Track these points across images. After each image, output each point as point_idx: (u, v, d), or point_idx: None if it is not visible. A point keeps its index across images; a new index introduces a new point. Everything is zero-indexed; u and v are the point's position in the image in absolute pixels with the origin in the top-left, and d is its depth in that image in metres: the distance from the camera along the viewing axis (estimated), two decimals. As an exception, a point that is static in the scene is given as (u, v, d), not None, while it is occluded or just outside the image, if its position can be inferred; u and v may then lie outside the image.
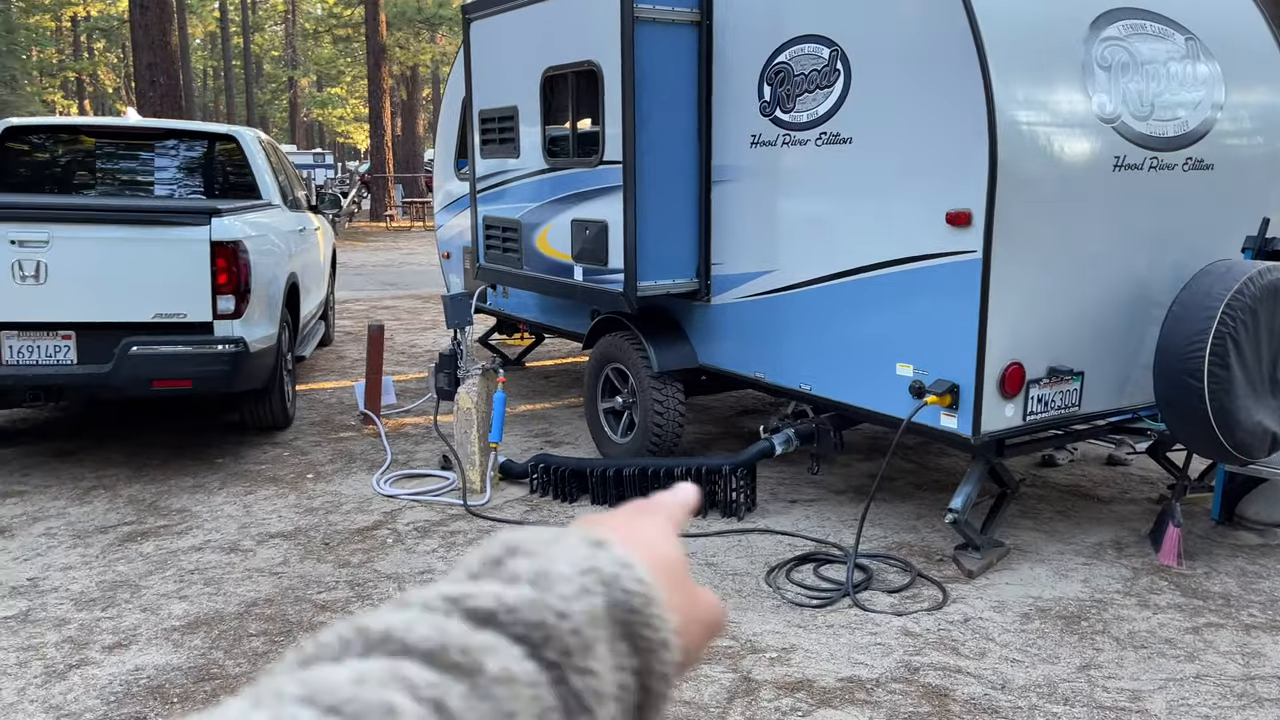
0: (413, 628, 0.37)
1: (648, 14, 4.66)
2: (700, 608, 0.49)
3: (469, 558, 0.43)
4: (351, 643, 0.37)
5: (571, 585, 0.41)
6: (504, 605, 0.39)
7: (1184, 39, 4.22)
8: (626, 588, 0.42)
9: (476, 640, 0.37)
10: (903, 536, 4.36)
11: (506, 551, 0.43)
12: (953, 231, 3.77)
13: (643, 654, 0.42)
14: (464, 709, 0.35)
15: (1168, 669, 3.21)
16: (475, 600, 0.39)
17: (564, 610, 0.39)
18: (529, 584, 0.40)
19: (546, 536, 0.44)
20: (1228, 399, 3.67)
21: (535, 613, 0.39)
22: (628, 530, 0.49)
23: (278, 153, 7.36)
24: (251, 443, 5.73)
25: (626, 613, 0.41)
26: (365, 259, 16.79)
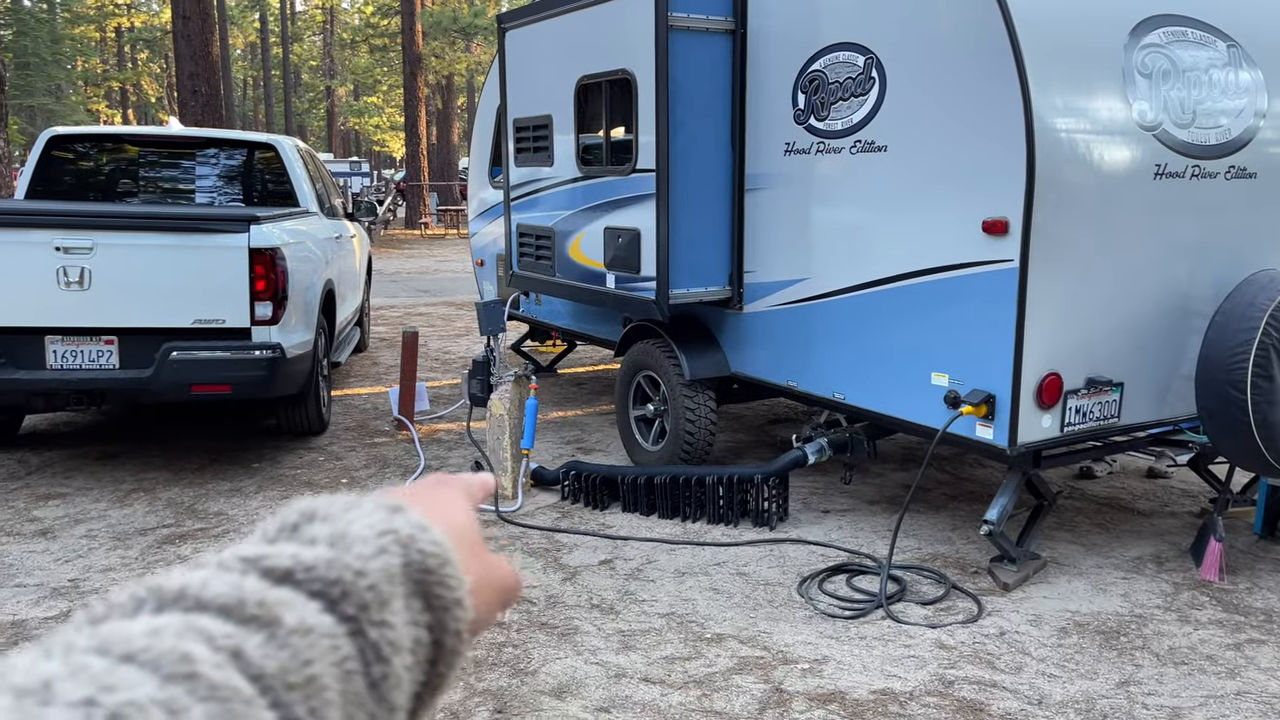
0: (208, 584, 0.38)
1: (682, 22, 4.67)
2: (495, 575, 0.51)
3: (265, 523, 0.44)
4: (144, 601, 0.37)
5: (369, 546, 0.42)
6: (301, 564, 0.40)
7: (1226, 46, 4.15)
8: (422, 548, 0.43)
9: (273, 595, 0.38)
10: (937, 548, 4.32)
11: (303, 517, 0.44)
12: (989, 240, 3.73)
13: (436, 611, 0.43)
14: (261, 657, 0.36)
15: (1209, 686, 3.15)
16: (272, 560, 0.40)
17: (361, 569, 0.41)
18: (327, 545, 0.41)
19: (343, 502, 0.45)
20: (1272, 411, 3.59)
21: (332, 570, 0.40)
22: (425, 499, 0.51)
23: (315, 161, 7.46)
24: (287, 447, 5.80)
25: (421, 572, 0.43)
26: (400, 266, 16.94)
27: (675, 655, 3.35)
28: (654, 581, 3.98)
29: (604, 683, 3.16)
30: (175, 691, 0.32)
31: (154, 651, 0.34)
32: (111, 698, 0.31)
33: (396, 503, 0.46)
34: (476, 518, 0.52)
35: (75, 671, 0.32)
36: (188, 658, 0.34)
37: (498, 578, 0.51)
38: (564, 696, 3.08)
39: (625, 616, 3.65)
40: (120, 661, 0.33)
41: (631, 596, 3.83)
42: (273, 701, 0.35)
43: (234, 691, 0.34)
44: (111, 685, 0.32)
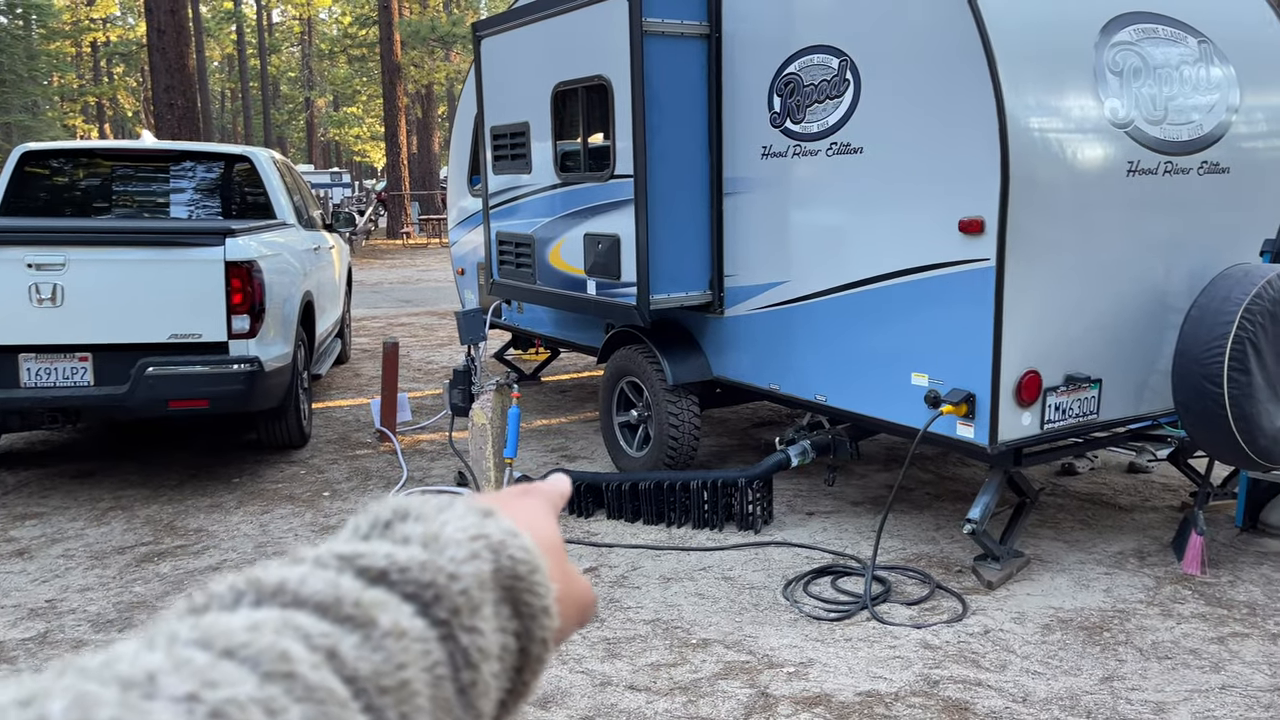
0: (306, 581, 0.38)
1: (656, 28, 4.67)
2: (575, 588, 0.51)
3: (358, 518, 0.44)
4: (244, 593, 0.37)
5: (462, 549, 0.42)
6: (396, 565, 0.40)
7: (1197, 42, 4.19)
8: (513, 554, 0.43)
9: (368, 596, 0.38)
10: (921, 548, 4.32)
11: (396, 515, 0.44)
12: (966, 240, 3.74)
13: (524, 618, 0.43)
14: (356, 658, 0.36)
15: (1192, 680, 3.15)
16: (368, 559, 0.40)
17: (454, 572, 0.41)
18: (420, 546, 0.41)
19: (436, 503, 0.45)
20: (1248, 404, 3.61)
21: (426, 573, 0.40)
22: (515, 507, 0.51)
23: (292, 172, 7.42)
24: (268, 461, 5.75)
25: (511, 578, 0.43)
26: (382, 276, 16.87)
27: (661, 662, 3.33)
28: (639, 588, 3.96)
29: (589, 691, 3.14)
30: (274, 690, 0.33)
31: (254, 648, 0.34)
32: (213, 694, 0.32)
33: (488, 507, 0.46)
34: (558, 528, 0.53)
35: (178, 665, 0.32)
36: (286, 656, 0.34)
37: (578, 591, 0.51)
38: (549, 706, 3.06)
39: (610, 624, 3.63)
40: (221, 656, 0.33)
41: (617, 604, 3.81)
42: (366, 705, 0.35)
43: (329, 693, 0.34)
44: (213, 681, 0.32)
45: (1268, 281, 3.65)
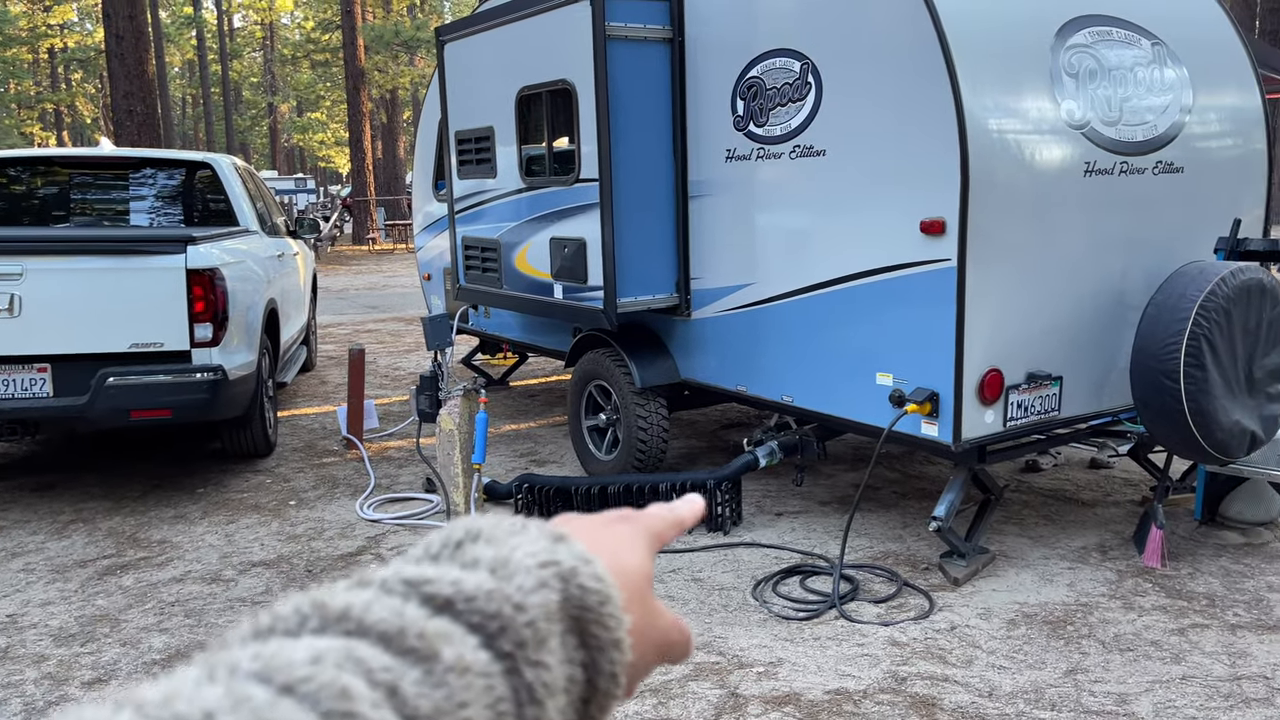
0: (371, 608, 0.37)
1: (619, 32, 4.68)
2: (659, 623, 0.49)
3: (432, 536, 0.43)
4: (309, 618, 0.36)
5: (530, 577, 0.41)
6: (462, 593, 0.39)
7: (1150, 44, 4.26)
8: (583, 584, 0.42)
9: (433, 626, 0.37)
10: (888, 546, 4.36)
11: (468, 536, 0.43)
12: (927, 240, 3.79)
13: (592, 650, 0.42)
14: (417, 695, 0.35)
15: (1154, 671, 3.21)
16: (434, 586, 0.39)
17: (521, 602, 0.40)
18: (488, 571, 0.41)
19: (509, 525, 0.44)
20: (1204, 399, 3.68)
21: (492, 603, 0.39)
22: (599, 533, 0.49)
23: (255, 179, 7.35)
24: (233, 471, 5.69)
25: (580, 609, 0.42)
26: (348, 283, 16.74)
27: (631, 665, 3.33)
28: (609, 591, 3.96)
29: (559, 696, 3.13)
30: None
31: (315, 684, 0.33)
32: None
33: (560, 531, 0.45)
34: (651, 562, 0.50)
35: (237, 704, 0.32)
36: (346, 693, 0.33)
37: (661, 626, 0.49)
38: (519, 712, 3.05)
39: (580, 628, 3.62)
40: (281, 693, 0.33)
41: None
42: None
43: None
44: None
45: (1221, 279, 3.72)
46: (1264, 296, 3.84)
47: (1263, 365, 3.88)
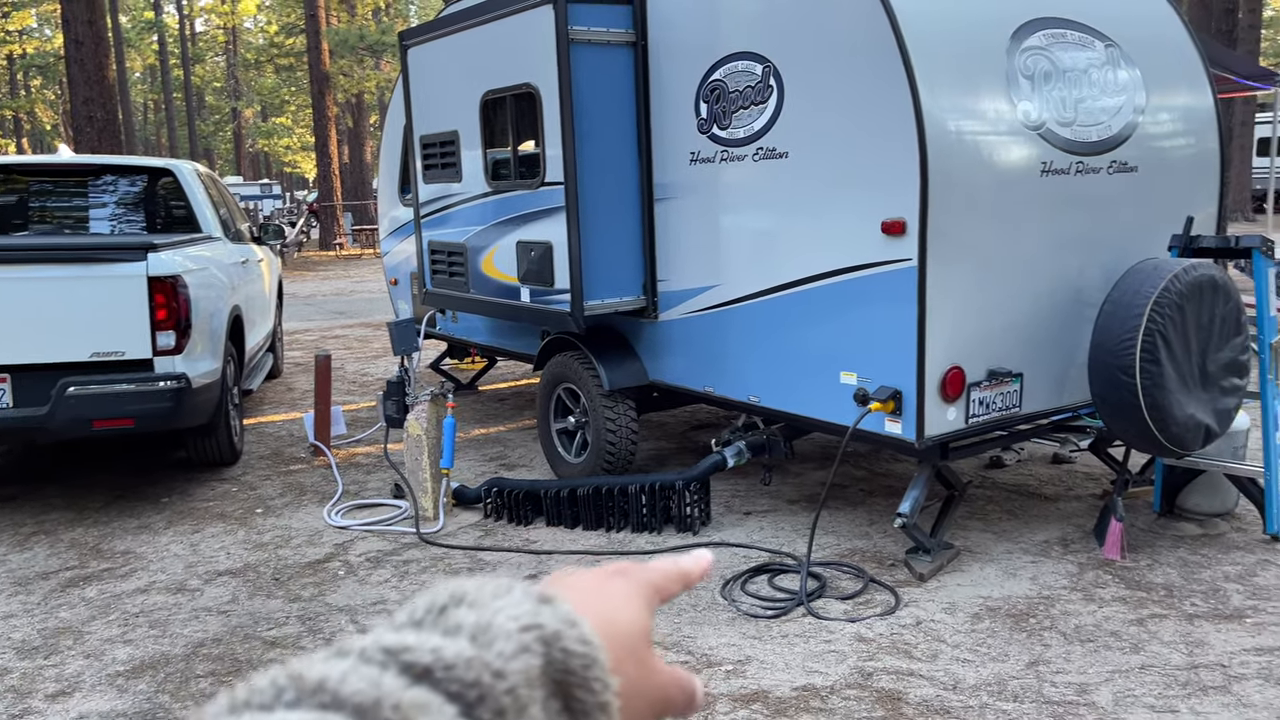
0: (347, 679, 0.36)
1: (582, 36, 4.70)
2: (655, 684, 0.48)
3: (416, 601, 0.43)
4: (284, 690, 0.36)
5: (511, 643, 0.40)
6: (441, 661, 0.38)
7: (1104, 46, 4.34)
8: (566, 647, 0.41)
9: (410, 697, 0.36)
10: (855, 543, 4.40)
11: (452, 600, 0.42)
12: (889, 241, 3.83)
13: (577, 715, 0.41)
14: None
15: (1114, 661, 3.27)
16: (413, 654, 0.38)
17: (501, 669, 0.39)
18: (469, 638, 0.40)
19: (494, 588, 0.43)
20: (1160, 394, 3.76)
21: (472, 671, 0.38)
22: (591, 591, 0.48)
23: (217, 185, 7.28)
24: (198, 480, 5.64)
25: (563, 673, 0.41)
26: (315, 288, 16.62)
27: (600, 666, 3.34)
28: (578, 594, 3.97)
29: (529, 699, 3.14)
30: None
31: None
32: None
33: (548, 593, 0.44)
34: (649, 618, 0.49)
35: None
36: None
37: (658, 684, 0.48)
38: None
39: (549, 631, 3.63)
40: None
41: (556, 610, 3.81)
42: None
43: None
44: None
45: (1174, 275, 3.80)
46: (1216, 292, 3.93)
47: (1216, 360, 3.96)
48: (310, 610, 3.88)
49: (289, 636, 3.66)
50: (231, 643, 3.62)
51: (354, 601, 3.95)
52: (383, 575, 4.21)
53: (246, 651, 3.55)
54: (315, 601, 3.96)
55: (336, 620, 3.78)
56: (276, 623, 3.78)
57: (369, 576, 4.20)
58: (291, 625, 3.75)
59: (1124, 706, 2.99)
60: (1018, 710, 2.99)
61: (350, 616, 3.82)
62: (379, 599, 3.97)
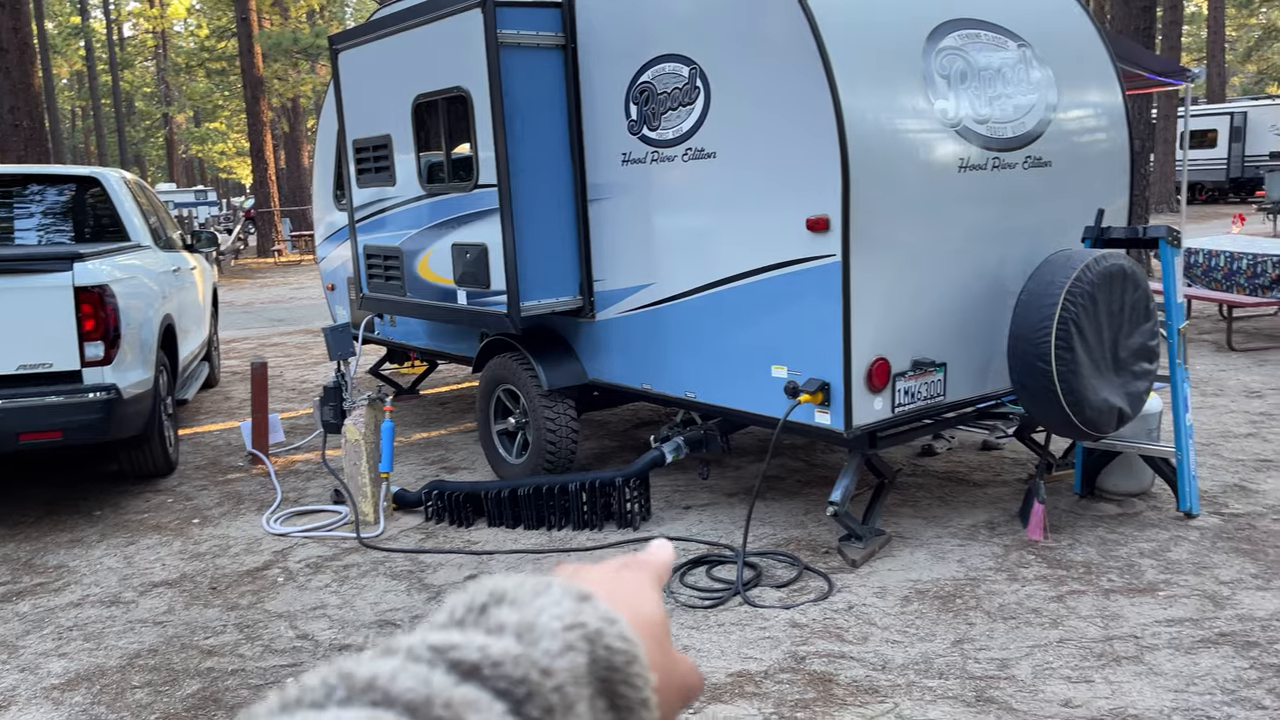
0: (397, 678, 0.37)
1: (512, 39, 4.74)
2: (678, 673, 0.49)
3: (453, 599, 0.43)
4: (335, 689, 0.36)
5: (556, 641, 0.41)
6: (489, 659, 0.39)
7: (1017, 46, 4.50)
8: (610, 645, 0.42)
9: (459, 694, 0.37)
10: (791, 532, 4.50)
11: (492, 598, 0.43)
12: (813, 237, 3.94)
13: (621, 711, 0.42)
14: None
15: (1034, 636, 3.40)
16: (460, 652, 0.39)
17: (548, 667, 0.39)
18: (514, 636, 0.40)
19: (532, 585, 0.44)
20: (1075, 379, 3.91)
21: (519, 668, 0.39)
22: (613, 584, 0.49)
23: (146, 193, 7.17)
24: (132, 492, 5.56)
25: (608, 670, 0.42)
26: (253, 296, 16.37)
27: (540, 661, 3.39)
28: (519, 592, 4.01)
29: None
30: None
31: None
32: None
33: (585, 590, 0.44)
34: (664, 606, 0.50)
35: None
36: None
37: (680, 673, 0.49)
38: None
39: (490, 629, 3.67)
40: None
41: (496, 608, 3.84)
42: None
43: None
44: None
45: (1086, 265, 3.96)
46: (1126, 280, 4.10)
47: (1127, 345, 4.13)
48: (248, 618, 3.86)
49: (227, 645, 3.64)
50: (168, 653, 3.60)
51: (293, 607, 3.94)
52: (323, 580, 4.21)
53: (183, 661, 3.53)
54: (254, 609, 3.94)
55: (276, 627, 3.78)
56: (214, 631, 3.76)
57: (309, 582, 4.19)
58: (229, 633, 3.74)
59: (1042, 678, 3.12)
60: (942, 686, 3.10)
61: (290, 622, 3.81)
62: (319, 604, 3.97)
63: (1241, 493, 4.70)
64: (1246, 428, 5.79)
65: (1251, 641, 3.30)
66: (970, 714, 2.94)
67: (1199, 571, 3.86)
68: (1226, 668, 3.14)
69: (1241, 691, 3.00)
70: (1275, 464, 5.10)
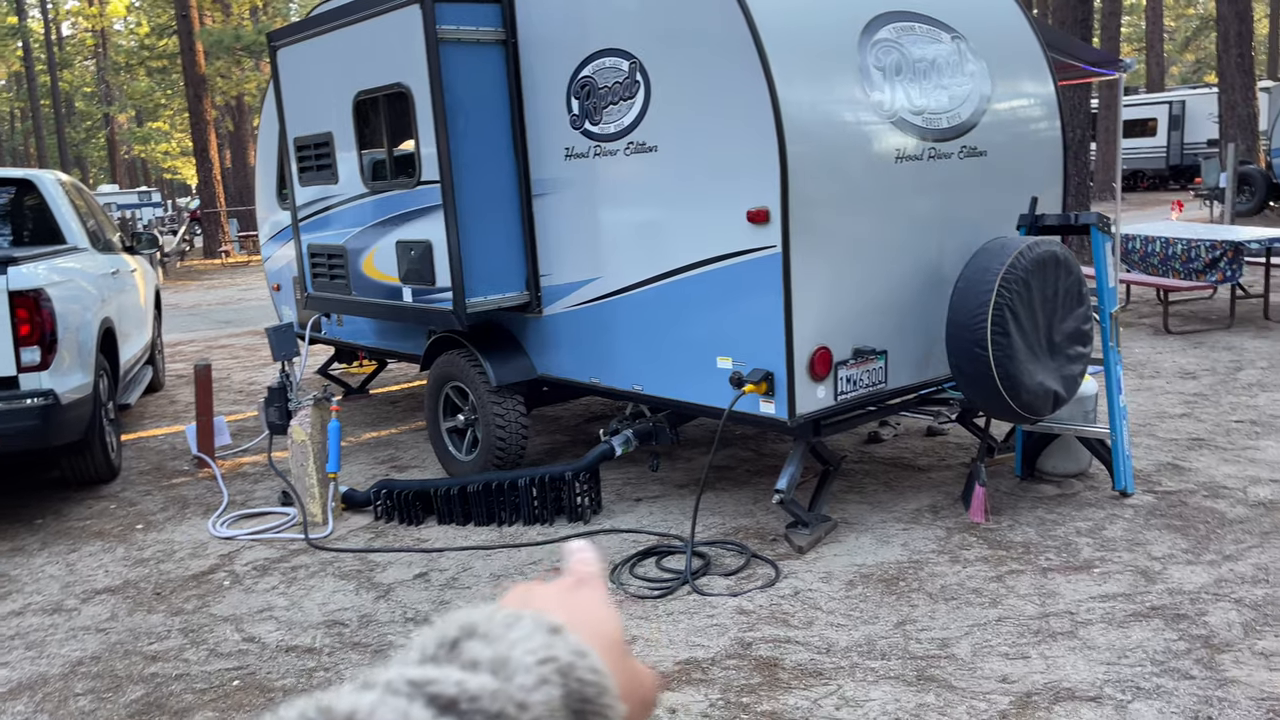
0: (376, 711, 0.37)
1: (451, 34, 4.72)
2: (640, 682, 0.51)
3: (423, 635, 0.44)
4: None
5: (531, 675, 0.42)
6: (466, 693, 0.39)
7: (951, 38, 4.58)
8: (582, 677, 0.43)
9: None
10: (740, 521, 4.55)
11: (463, 633, 0.43)
12: (754, 229, 3.98)
13: None
14: None
15: (974, 616, 3.48)
16: (438, 686, 0.39)
17: (523, 701, 0.40)
18: (489, 672, 0.41)
19: (503, 619, 0.45)
20: (1011, 364, 4.00)
21: (496, 703, 0.39)
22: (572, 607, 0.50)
23: (83, 194, 7.03)
24: (74, 499, 5.46)
25: (580, 702, 0.43)
26: (200, 298, 16.11)
27: (489, 656, 3.39)
28: (469, 589, 4.02)
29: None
30: None
31: None
32: None
33: (555, 622, 0.45)
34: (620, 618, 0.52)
35: None
36: None
37: (642, 686, 0.50)
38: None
39: (439, 625, 3.66)
40: None
41: (447, 606, 3.85)
42: None
43: None
44: None
45: (1019, 252, 4.05)
46: (1059, 266, 4.20)
47: (1061, 330, 4.24)
48: (193, 622, 3.82)
49: (171, 650, 3.60)
50: (111, 660, 3.55)
51: (239, 611, 3.91)
52: (270, 583, 4.17)
53: (126, 668, 3.48)
54: (199, 613, 3.90)
55: (221, 630, 3.74)
56: (158, 637, 3.71)
57: (255, 585, 4.16)
58: (174, 638, 3.69)
59: (980, 656, 3.20)
60: (884, 667, 3.16)
61: (236, 626, 3.78)
62: (266, 606, 3.93)
63: (1175, 471, 4.84)
64: (1181, 408, 5.96)
65: (1181, 614, 3.41)
66: (911, 693, 3.01)
67: (1132, 548, 3.97)
68: (1157, 640, 3.24)
69: (1171, 663, 3.10)
70: (1207, 443, 5.26)
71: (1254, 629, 3.27)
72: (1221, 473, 4.78)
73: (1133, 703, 2.89)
